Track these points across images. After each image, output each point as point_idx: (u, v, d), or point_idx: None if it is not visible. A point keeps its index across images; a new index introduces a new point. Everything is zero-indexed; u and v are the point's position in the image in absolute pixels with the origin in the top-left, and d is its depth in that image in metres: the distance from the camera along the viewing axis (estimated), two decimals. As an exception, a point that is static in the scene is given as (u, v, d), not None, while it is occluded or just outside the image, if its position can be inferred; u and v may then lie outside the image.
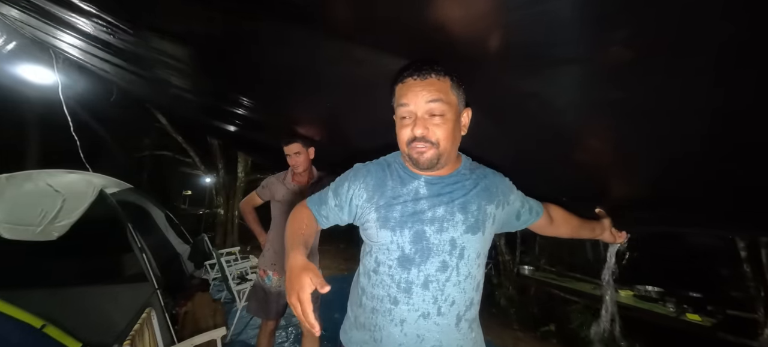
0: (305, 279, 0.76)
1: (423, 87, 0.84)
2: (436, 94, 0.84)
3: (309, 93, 1.48)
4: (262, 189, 2.15)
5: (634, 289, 3.42)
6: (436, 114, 0.85)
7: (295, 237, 0.95)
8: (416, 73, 0.85)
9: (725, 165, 0.90)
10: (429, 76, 0.84)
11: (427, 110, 0.85)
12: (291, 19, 0.97)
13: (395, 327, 0.91)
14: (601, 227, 1.23)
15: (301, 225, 0.99)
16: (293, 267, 0.82)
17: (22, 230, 2.38)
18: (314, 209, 1.04)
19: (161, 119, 6.34)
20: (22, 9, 1.77)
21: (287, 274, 0.82)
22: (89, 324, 2.07)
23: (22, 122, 5.33)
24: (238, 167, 6.91)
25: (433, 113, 0.85)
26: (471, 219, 0.91)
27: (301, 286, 0.75)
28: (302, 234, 0.96)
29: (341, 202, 1.00)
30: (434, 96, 0.84)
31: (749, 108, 0.71)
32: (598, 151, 1.10)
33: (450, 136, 0.87)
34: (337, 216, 1.02)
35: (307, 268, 0.79)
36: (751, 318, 2.83)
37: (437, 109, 0.84)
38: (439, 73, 0.85)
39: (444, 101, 0.84)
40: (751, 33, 0.56)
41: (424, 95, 0.84)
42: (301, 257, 0.85)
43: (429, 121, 0.85)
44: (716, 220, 1.28)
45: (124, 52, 1.83)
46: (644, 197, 1.21)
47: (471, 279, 0.93)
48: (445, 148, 0.87)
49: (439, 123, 0.85)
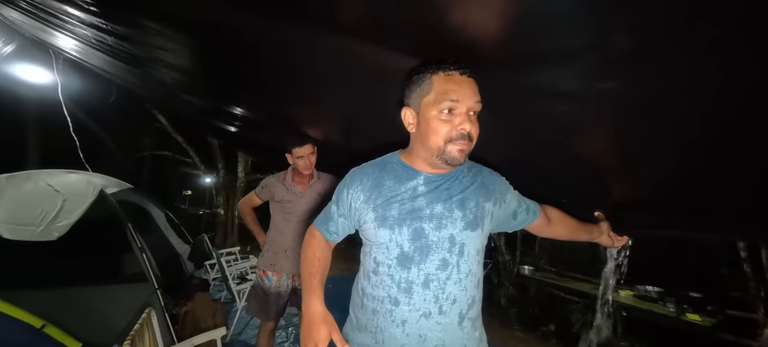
0: (324, 332, 0.80)
1: (470, 84, 0.84)
2: (476, 93, 0.84)
3: (315, 93, 1.48)
4: (262, 189, 2.15)
5: (634, 289, 3.43)
6: (475, 113, 0.86)
7: (311, 278, 0.98)
8: (461, 69, 0.84)
9: (727, 168, 0.90)
10: (471, 75, 0.85)
11: (473, 108, 0.84)
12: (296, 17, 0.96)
13: (397, 328, 0.90)
14: (599, 230, 1.22)
15: (314, 261, 1.02)
16: (313, 316, 0.86)
17: (22, 230, 2.38)
18: (322, 229, 1.07)
19: (161, 119, 6.34)
20: (21, 10, 1.77)
21: (305, 321, 0.86)
22: (89, 324, 2.07)
23: (21, 122, 5.33)
24: (238, 167, 6.91)
25: (475, 111, 0.85)
26: (470, 216, 0.91)
27: (320, 337, 0.79)
28: (318, 273, 0.99)
29: (344, 210, 1.01)
30: (478, 96, 0.84)
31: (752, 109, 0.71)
32: (597, 152, 1.10)
33: (476, 135, 0.88)
34: (344, 227, 1.04)
35: (327, 321, 0.84)
36: (751, 318, 2.83)
37: (479, 108, 0.85)
38: (470, 71, 0.85)
39: (480, 101, 0.85)
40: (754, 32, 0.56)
41: (472, 92, 0.83)
42: (320, 305, 0.90)
43: (471, 119, 0.85)
44: (718, 224, 1.28)
45: (124, 52, 1.83)
46: (644, 200, 1.21)
47: (472, 276, 0.93)
48: (472, 147, 0.88)
49: (475, 122, 0.86)
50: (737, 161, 0.86)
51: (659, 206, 1.20)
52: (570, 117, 0.96)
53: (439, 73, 0.85)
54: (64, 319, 1.90)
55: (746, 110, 0.72)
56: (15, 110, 4.92)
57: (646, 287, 3.38)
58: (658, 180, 1.08)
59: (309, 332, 0.79)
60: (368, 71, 1.09)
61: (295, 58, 1.21)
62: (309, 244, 1.07)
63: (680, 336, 2.87)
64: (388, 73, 0.98)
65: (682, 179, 1.02)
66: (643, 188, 1.16)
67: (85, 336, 1.90)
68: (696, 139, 0.85)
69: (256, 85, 1.64)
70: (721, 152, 0.86)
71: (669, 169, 1.00)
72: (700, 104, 0.75)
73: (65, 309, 2.02)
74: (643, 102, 0.79)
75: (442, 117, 0.85)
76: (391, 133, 1.10)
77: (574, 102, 0.90)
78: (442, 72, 0.84)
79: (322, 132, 1.97)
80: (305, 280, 0.98)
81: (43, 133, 5.37)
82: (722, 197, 1.03)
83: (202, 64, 1.70)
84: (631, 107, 0.82)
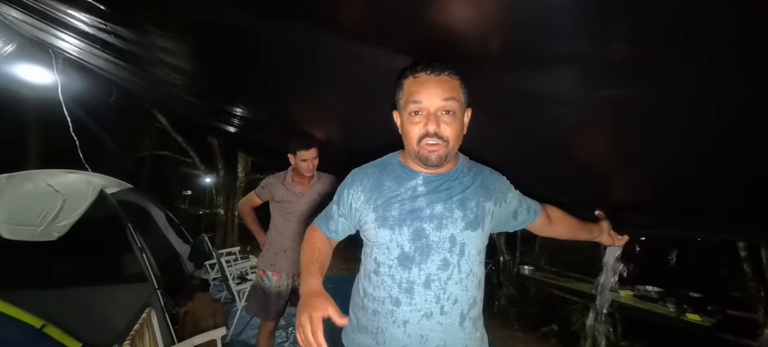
0: (322, 302, 0.78)
1: (437, 84, 0.84)
2: (450, 92, 0.84)
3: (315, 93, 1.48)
4: (262, 189, 2.15)
5: (634, 289, 3.43)
6: (449, 111, 0.85)
7: (310, 264, 0.97)
8: (430, 69, 0.85)
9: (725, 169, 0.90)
10: (443, 73, 0.85)
11: (441, 107, 0.85)
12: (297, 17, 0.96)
13: (398, 329, 0.90)
14: (600, 229, 1.22)
15: (314, 250, 1.01)
16: (311, 291, 0.85)
17: (22, 231, 2.38)
18: (322, 226, 1.07)
19: (161, 119, 6.34)
20: (22, 9, 1.77)
21: (302, 297, 0.83)
22: (89, 324, 2.07)
23: (21, 122, 5.33)
24: (238, 167, 6.92)
25: (446, 110, 0.85)
26: (470, 215, 0.91)
27: (315, 307, 0.76)
28: (316, 260, 0.98)
29: (345, 211, 1.01)
30: (448, 94, 0.84)
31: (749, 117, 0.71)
32: (597, 152, 1.10)
33: (458, 134, 0.88)
34: (345, 227, 1.04)
35: (325, 295, 0.81)
36: (751, 318, 2.83)
37: (450, 106, 0.85)
38: (452, 71, 0.85)
39: (456, 99, 0.85)
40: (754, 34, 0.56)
41: (438, 91, 0.84)
42: (318, 284, 0.88)
43: (441, 118, 0.85)
44: (717, 224, 1.28)
45: (123, 52, 1.83)
46: (644, 200, 1.21)
47: (473, 276, 0.93)
48: (453, 146, 0.88)
49: (450, 121, 0.86)
50: (734, 163, 0.87)
51: (659, 206, 1.20)
52: (570, 120, 0.96)
53: (409, 77, 0.88)
54: (64, 319, 1.89)
55: (744, 116, 0.72)
56: (15, 110, 4.92)
57: (646, 287, 3.38)
58: (658, 181, 1.08)
59: (304, 303, 0.78)
60: (368, 72, 1.09)
61: (295, 58, 1.21)
62: (309, 237, 1.07)
63: (680, 336, 2.87)
64: (388, 74, 0.98)
65: (682, 179, 1.02)
66: (643, 188, 1.16)
67: (85, 336, 1.89)
68: (695, 142, 0.85)
69: (256, 86, 1.64)
70: (718, 154, 0.86)
71: (668, 170, 1.00)
72: (698, 110, 0.75)
73: (65, 309, 2.02)
74: (643, 107, 0.79)
75: (413, 120, 0.87)
76: (391, 133, 1.10)
77: (575, 106, 0.90)
78: (411, 75, 0.87)
79: (322, 132, 1.97)
80: (304, 268, 0.97)
81: (43, 133, 5.37)
82: (720, 197, 1.03)
83: (203, 65, 1.70)
84: (631, 111, 0.82)
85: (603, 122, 0.94)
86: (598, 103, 0.86)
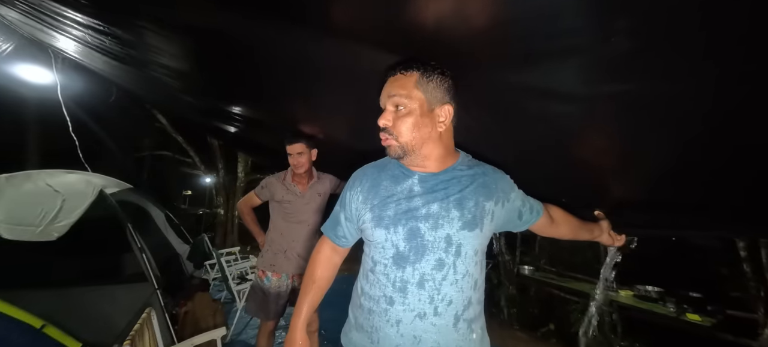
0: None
1: (393, 81, 0.91)
2: (397, 89, 0.90)
3: (312, 92, 1.48)
4: (261, 189, 2.15)
5: (634, 289, 3.43)
6: (397, 108, 0.90)
7: (303, 297, 1.06)
8: (392, 70, 0.92)
9: (726, 167, 0.90)
10: (396, 73, 0.91)
11: (390, 103, 0.91)
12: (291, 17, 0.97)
13: (391, 328, 0.90)
14: (600, 229, 1.23)
15: (310, 282, 1.07)
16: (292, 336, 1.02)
17: (22, 231, 2.38)
18: (331, 235, 1.08)
19: (161, 119, 6.34)
20: (20, 10, 1.76)
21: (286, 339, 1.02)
22: (89, 324, 2.07)
23: (21, 122, 5.33)
24: (238, 167, 6.91)
25: (396, 106, 0.90)
26: (468, 215, 0.90)
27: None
28: (309, 294, 1.06)
29: (349, 213, 1.02)
30: (398, 90, 0.90)
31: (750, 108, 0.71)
32: (597, 151, 1.10)
33: (411, 129, 0.90)
34: (352, 231, 1.05)
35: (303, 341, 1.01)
36: (751, 318, 2.84)
37: (397, 102, 0.90)
38: (407, 69, 0.90)
39: (404, 96, 0.89)
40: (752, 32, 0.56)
41: (390, 88, 0.91)
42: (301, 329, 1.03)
43: (392, 114, 0.91)
44: (717, 223, 1.28)
45: (121, 54, 1.83)
46: (644, 199, 1.21)
47: (469, 277, 0.91)
48: (407, 141, 0.90)
49: (400, 116, 0.90)
50: (734, 161, 0.87)
51: (658, 205, 1.20)
52: (570, 118, 0.96)
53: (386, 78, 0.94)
54: (64, 319, 1.89)
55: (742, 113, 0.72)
56: (15, 110, 4.92)
57: (646, 287, 3.38)
58: (658, 180, 1.08)
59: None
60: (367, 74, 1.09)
61: (292, 58, 1.21)
62: (312, 262, 1.10)
63: (680, 336, 2.87)
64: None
65: (682, 178, 1.02)
66: (643, 188, 1.16)
67: (85, 336, 1.89)
68: (695, 140, 0.85)
69: (254, 86, 1.64)
70: (717, 152, 0.86)
71: (668, 169, 1.00)
72: (698, 107, 0.75)
73: (65, 309, 2.02)
74: (643, 104, 0.79)
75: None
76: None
77: (574, 103, 0.90)
78: (388, 77, 0.94)
79: (320, 132, 1.97)
80: (298, 298, 1.07)
81: (43, 133, 5.36)
82: (721, 195, 1.03)
83: (201, 65, 1.70)
84: (631, 109, 0.82)
85: (602, 120, 0.94)
86: (597, 100, 0.86)
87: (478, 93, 0.98)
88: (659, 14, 0.57)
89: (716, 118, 0.76)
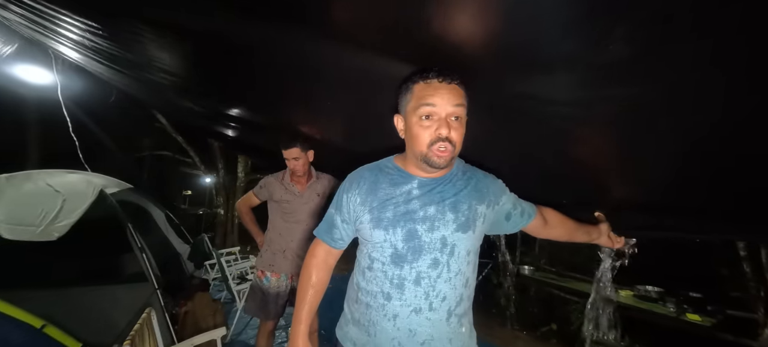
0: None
1: (449, 90, 0.88)
2: (459, 99, 0.89)
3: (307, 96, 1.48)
4: (260, 189, 2.15)
5: (634, 289, 3.42)
6: (458, 117, 0.89)
7: (301, 305, 1.05)
8: (442, 76, 0.88)
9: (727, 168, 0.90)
10: (454, 82, 0.89)
11: (452, 113, 0.88)
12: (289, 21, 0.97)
13: (388, 322, 0.95)
14: (599, 231, 1.23)
15: (307, 288, 1.06)
16: (294, 343, 1.01)
17: (22, 231, 2.38)
18: (327, 238, 1.08)
19: (161, 119, 6.33)
20: (21, 11, 1.77)
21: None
22: (89, 324, 2.07)
23: (21, 122, 5.33)
24: (238, 167, 6.91)
25: (456, 116, 0.89)
26: (462, 218, 0.95)
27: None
28: (307, 302, 1.05)
29: (345, 216, 1.03)
30: (458, 100, 0.88)
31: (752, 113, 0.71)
32: (596, 154, 1.10)
33: (462, 140, 0.91)
34: (349, 232, 1.06)
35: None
36: (751, 318, 2.83)
37: (459, 113, 0.89)
38: (459, 79, 0.89)
39: (463, 106, 0.89)
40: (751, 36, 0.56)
41: (450, 98, 0.88)
42: (303, 335, 1.01)
43: (451, 124, 0.89)
44: (718, 225, 1.28)
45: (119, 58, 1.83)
46: (643, 201, 1.21)
47: (461, 275, 0.96)
48: (458, 151, 0.92)
49: (457, 127, 0.89)
50: (735, 163, 0.87)
51: (658, 207, 1.20)
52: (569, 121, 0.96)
53: (420, 82, 0.90)
54: (64, 319, 1.90)
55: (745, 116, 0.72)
56: (15, 111, 4.92)
57: (646, 287, 3.37)
58: (658, 182, 1.08)
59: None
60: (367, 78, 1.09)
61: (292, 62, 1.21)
62: (306, 267, 1.10)
63: (680, 336, 2.86)
64: (386, 79, 0.99)
65: (682, 180, 1.02)
66: (642, 190, 1.16)
67: (85, 336, 1.90)
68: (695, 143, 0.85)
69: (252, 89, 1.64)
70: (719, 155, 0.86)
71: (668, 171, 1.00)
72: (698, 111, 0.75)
73: (65, 309, 2.02)
74: (642, 108, 0.79)
75: (423, 123, 0.90)
76: (385, 135, 1.10)
77: (574, 107, 0.90)
78: (422, 81, 0.90)
79: (317, 133, 1.97)
80: (297, 305, 1.06)
81: (43, 133, 5.36)
82: (721, 198, 1.03)
83: (199, 69, 1.70)
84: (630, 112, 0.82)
85: (602, 123, 0.94)
86: (596, 104, 0.86)
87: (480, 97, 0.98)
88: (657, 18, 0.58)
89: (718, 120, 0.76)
